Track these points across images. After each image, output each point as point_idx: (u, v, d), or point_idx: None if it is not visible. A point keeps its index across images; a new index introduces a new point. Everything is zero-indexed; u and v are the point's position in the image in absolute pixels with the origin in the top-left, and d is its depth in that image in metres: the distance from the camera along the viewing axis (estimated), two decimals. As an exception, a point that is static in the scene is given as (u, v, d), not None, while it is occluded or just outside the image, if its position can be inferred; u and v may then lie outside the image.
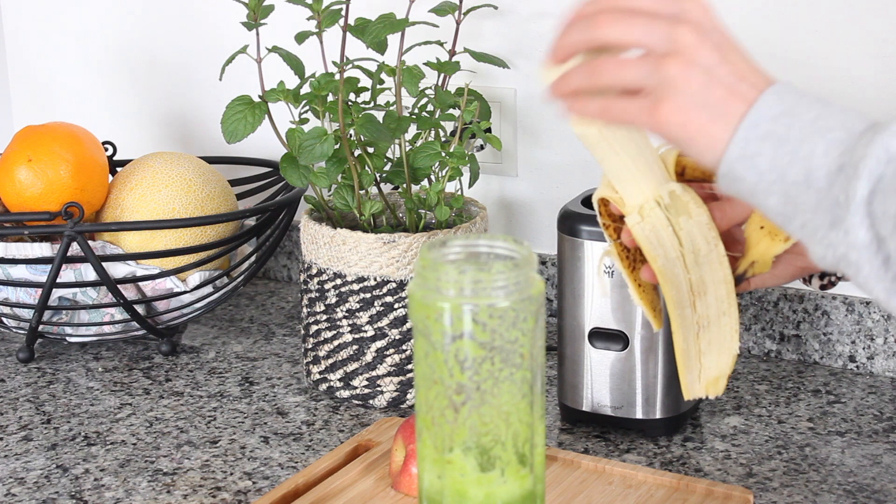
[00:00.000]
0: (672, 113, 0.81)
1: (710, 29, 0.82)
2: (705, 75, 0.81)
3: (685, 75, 0.81)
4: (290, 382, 1.40)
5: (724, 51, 0.82)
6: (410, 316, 0.90)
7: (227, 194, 1.52)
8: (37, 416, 1.34)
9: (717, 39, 0.82)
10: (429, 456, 0.92)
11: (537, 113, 1.53)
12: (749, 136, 0.80)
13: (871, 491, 1.15)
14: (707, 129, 0.81)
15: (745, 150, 0.80)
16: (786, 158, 0.79)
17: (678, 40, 0.81)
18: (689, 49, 0.81)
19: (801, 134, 0.79)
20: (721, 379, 0.98)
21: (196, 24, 1.73)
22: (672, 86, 0.81)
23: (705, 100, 0.81)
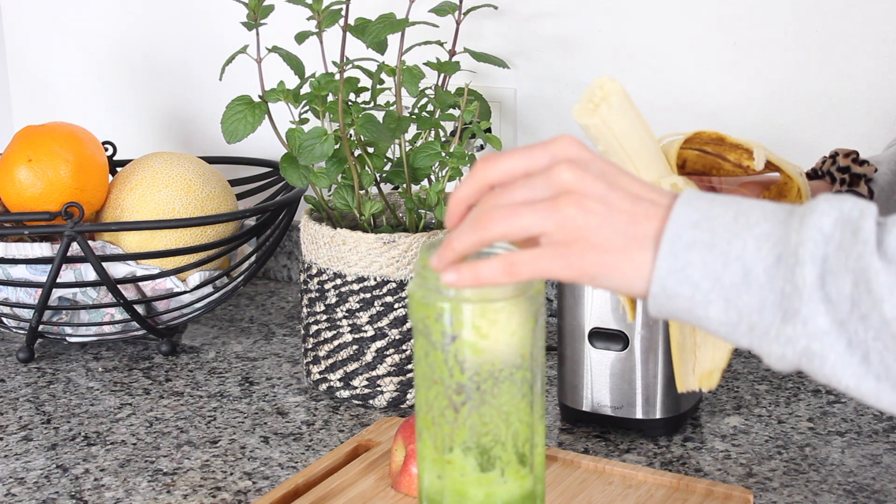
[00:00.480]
0: (585, 253, 0.78)
1: (587, 160, 0.80)
2: (602, 205, 0.78)
3: (583, 213, 0.78)
4: (290, 382, 1.40)
5: (610, 177, 0.79)
6: (410, 316, 0.90)
7: (227, 194, 1.52)
8: (37, 416, 1.34)
9: (598, 169, 0.80)
10: (429, 456, 0.92)
11: (537, 113, 1.53)
12: (674, 249, 0.77)
13: (871, 491, 1.15)
14: (626, 256, 0.78)
15: (675, 264, 0.77)
16: (718, 263, 0.76)
17: (561, 181, 0.79)
18: (576, 185, 0.79)
19: (727, 235, 0.76)
20: (715, 373, 0.98)
21: (196, 24, 1.73)
22: (574, 227, 0.78)
23: (612, 229, 0.78)
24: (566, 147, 0.81)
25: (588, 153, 0.81)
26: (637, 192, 0.80)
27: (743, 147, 1.05)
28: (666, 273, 0.77)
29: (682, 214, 0.78)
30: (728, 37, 1.42)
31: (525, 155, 0.81)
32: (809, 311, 0.75)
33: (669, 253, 0.77)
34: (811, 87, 1.40)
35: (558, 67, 1.51)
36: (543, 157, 0.81)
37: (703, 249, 0.77)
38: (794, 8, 1.39)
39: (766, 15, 1.40)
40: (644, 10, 1.47)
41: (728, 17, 1.42)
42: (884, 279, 0.73)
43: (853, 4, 1.36)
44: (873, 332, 0.74)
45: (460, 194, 0.83)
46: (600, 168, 0.80)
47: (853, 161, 1.16)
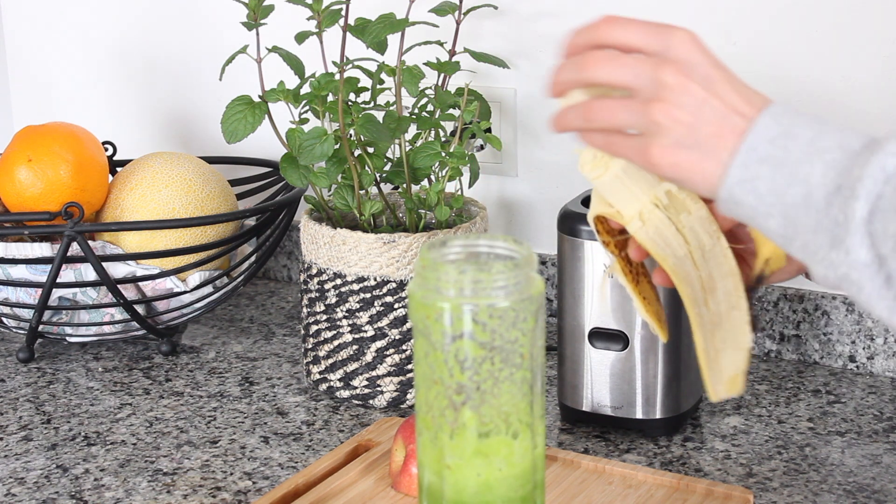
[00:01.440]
0: (661, 155, 0.84)
1: (696, 63, 0.84)
2: (691, 116, 0.83)
3: (671, 120, 0.83)
4: (290, 382, 1.40)
5: (712, 84, 0.83)
6: (410, 316, 0.90)
7: (227, 194, 1.52)
8: (37, 416, 1.34)
9: (704, 73, 0.84)
10: (429, 455, 0.92)
11: (537, 113, 1.53)
12: (747, 161, 0.82)
13: (871, 491, 1.15)
14: (699, 167, 0.83)
15: (745, 174, 0.82)
16: (784, 181, 0.81)
17: (663, 82, 0.83)
18: (674, 91, 0.83)
19: (799, 155, 0.80)
20: (739, 377, 0.98)
21: (196, 24, 1.73)
22: (658, 130, 0.84)
23: (693, 140, 0.83)
24: (683, 44, 0.84)
25: (700, 56, 0.84)
26: (733, 103, 0.83)
27: None
28: (735, 181, 0.82)
29: (764, 127, 0.82)
30: (728, 37, 1.42)
31: (646, 32, 0.85)
32: (853, 243, 0.78)
33: (742, 164, 0.82)
34: (811, 86, 1.40)
35: (558, 67, 1.51)
36: (660, 43, 0.84)
37: (774, 166, 0.81)
38: (794, 8, 1.39)
39: (766, 15, 1.40)
40: (644, 10, 1.47)
41: (728, 17, 1.42)
42: None
43: (853, 4, 1.36)
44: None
45: (577, 39, 0.88)
46: (705, 73, 0.83)
47: None
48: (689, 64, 0.84)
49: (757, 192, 0.82)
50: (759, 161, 0.81)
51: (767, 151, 0.81)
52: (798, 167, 0.80)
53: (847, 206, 0.78)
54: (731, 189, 0.82)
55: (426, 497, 0.93)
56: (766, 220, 0.82)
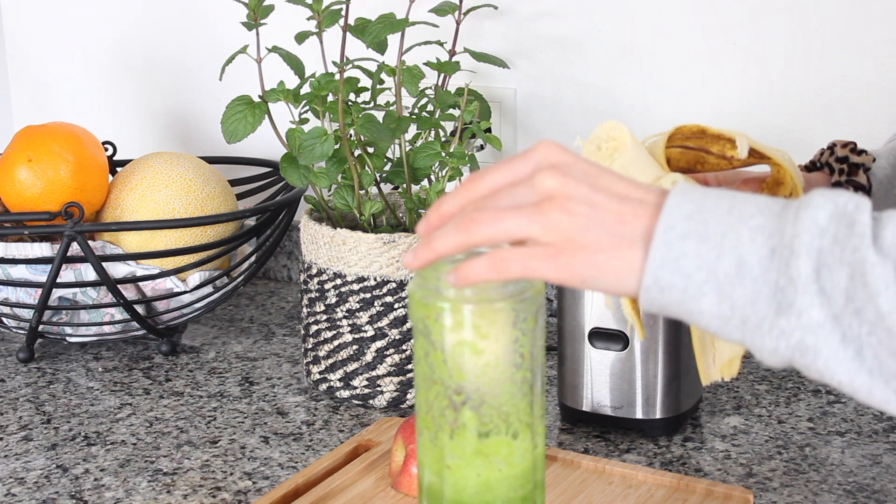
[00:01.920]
0: (574, 255, 0.78)
1: (569, 164, 0.79)
2: (587, 206, 0.78)
3: (569, 216, 0.78)
4: (290, 382, 1.41)
5: (593, 179, 0.79)
6: (410, 316, 0.90)
7: (227, 194, 1.52)
8: (37, 416, 1.34)
9: (581, 171, 0.79)
10: (428, 455, 0.92)
11: (537, 113, 1.53)
12: (668, 240, 0.76)
13: (871, 491, 1.15)
14: (616, 255, 0.78)
15: (668, 254, 0.76)
16: (712, 254, 0.76)
17: (544, 187, 0.78)
18: (559, 190, 0.78)
19: (721, 227, 0.76)
20: (735, 361, 0.97)
21: (196, 24, 1.73)
22: (560, 230, 0.78)
23: (600, 229, 0.78)
24: (547, 153, 0.80)
25: (570, 156, 0.80)
26: (623, 192, 0.79)
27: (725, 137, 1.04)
28: (659, 264, 0.76)
29: (676, 205, 0.77)
30: (728, 37, 1.42)
31: (508, 167, 0.81)
32: (804, 304, 0.74)
33: (663, 244, 0.76)
34: (811, 87, 1.40)
35: (558, 67, 1.51)
36: (526, 166, 0.80)
37: (698, 240, 0.76)
38: (793, 8, 1.39)
39: (766, 15, 1.40)
40: (644, 10, 1.47)
41: (728, 17, 1.42)
42: (880, 273, 0.73)
43: (853, 4, 1.36)
44: (867, 327, 0.73)
45: (444, 208, 0.82)
46: (583, 170, 0.79)
47: (851, 151, 1.16)
48: (562, 165, 0.79)
49: (684, 270, 0.76)
50: (680, 238, 0.76)
51: (687, 227, 0.76)
52: (723, 238, 0.75)
53: (788, 267, 0.74)
54: (657, 273, 0.76)
55: (426, 497, 0.93)
56: (699, 301, 0.76)
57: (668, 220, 0.76)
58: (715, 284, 0.76)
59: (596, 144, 0.94)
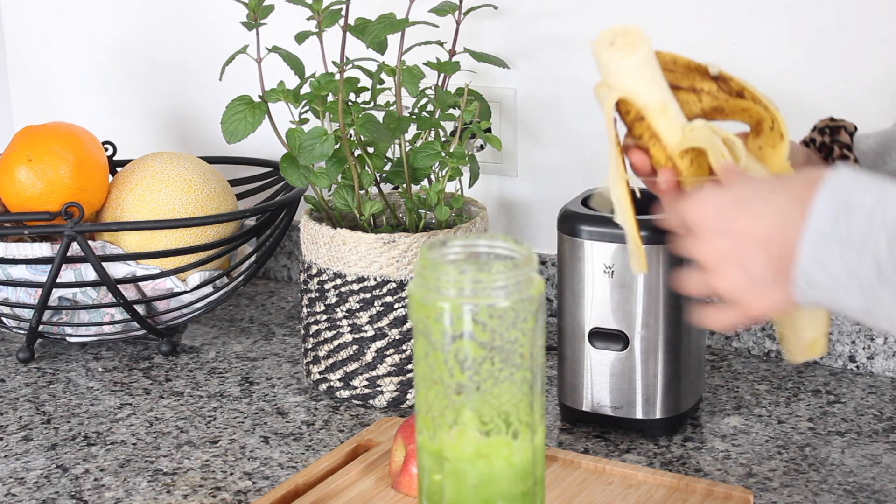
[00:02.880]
0: (751, 309, 0.89)
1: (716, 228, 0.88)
2: (740, 268, 0.87)
3: (728, 287, 0.89)
4: (290, 382, 1.40)
5: (741, 236, 0.87)
6: (410, 316, 0.90)
7: (227, 194, 1.52)
8: (37, 416, 1.34)
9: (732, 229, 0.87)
10: (429, 455, 0.92)
11: (537, 113, 1.53)
12: (815, 242, 0.83)
13: (871, 491, 1.15)
14: (777, 294, 0.87)
15: (814, 256, 0.83)
16: (854, 257, 0.81)
17: (699, 259, 0.90)
18: (710, 261, 0.89)
19: (862, 230, 0.81)
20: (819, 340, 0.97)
21: (196, 24, 1.73)
22: (735, 299, 0.89)
23: (764, 287, 0.87)
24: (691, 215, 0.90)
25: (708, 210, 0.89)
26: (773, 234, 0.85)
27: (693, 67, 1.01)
28: (807, 262, 0.83)
29: (822, 204, 0.82)
30: (728, 37, 1.42)
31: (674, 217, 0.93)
32: None
33: (810, 246, 0.83)
34: (811, 86, 1.40)
35: (558, 67, 1.51)
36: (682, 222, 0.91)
37: (841, 245, 0.82)
38: (794, 8, 1.39)
39: (766, 15, 1.40)
40: (644, 10, 1.47)
41: (728, 17, 1.42)
42: None
43: (853, 4, 1.36)
44: None
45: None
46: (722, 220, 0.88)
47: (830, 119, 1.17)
48: (711, 233, 0.88)
49: (829, 271, 0.83)
50: (825, 241, 0.82)
51: (831, 231, 0.82)
52: (864, 243, 0.81)
53: None
54: (805, 270, 0.84)
55: (426, 497, 0.93)
56: (846, 298, 0.83)
57: (816, 221, 0.83)
58: (857, 284, 0.82)
59: (610, 39, 0.93)
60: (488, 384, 0.88)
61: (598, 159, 1.51)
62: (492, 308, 0.87)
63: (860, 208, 0.81)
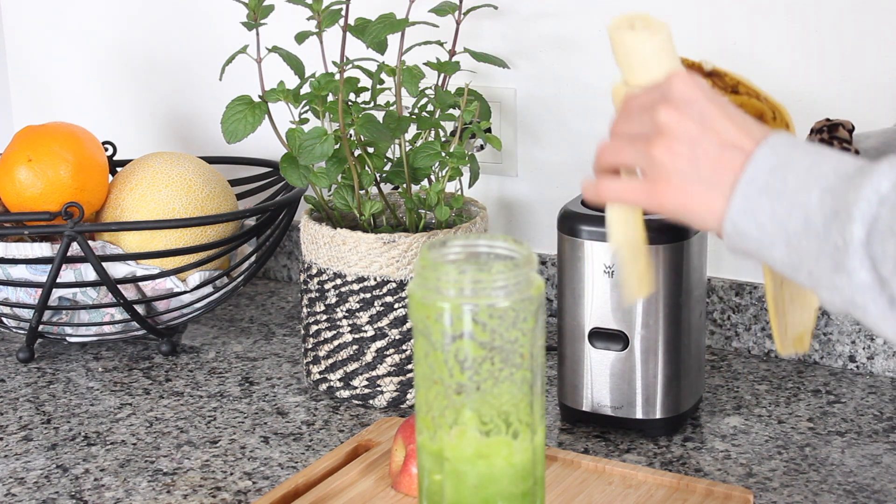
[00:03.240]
0: (667, 194, 0.86)
1: (691, 101, 0.86)
2: (689, 150, 0.85)
3: (670, 156, 0.86)
4: (290, 382, 1.40)
5: (708, 119, 0.85)
6: (410, 316, 0.90)
7: (227, 194, 1.52)
8: (37, 416, 1.34)
9: (700, 109, 0.86)
10: (428, 455, 0.92)
11: (537, 113, 1.53)
12: (748, 192, 0.83)
13: (871, 491, 1.15)
14: (704, 201, 0.85)
15: (746, 206, 0.83)
16: (784, 210, 0.82)
17: (658, 121, 0.86)
18: (670, 128, 0.86)
19: (797, 184, 0.82)
20: (805, 335, 0.98)
21: (196, 24, 1.73)
22: (661, 168, 0.86)
23: (694, 174, 0.85)
24: (677, 86, 0.87)
25: (696, 92, 0.86)
26: (730, 138, 0.85)
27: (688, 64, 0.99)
28: (737, 212, 0.83)
29: (762, 158, 0.83)
30: (728, 37, 1.42)
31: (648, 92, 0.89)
32: (854, 266, 0.79)
33: (743, 195, 0.83)
34: (811, 87, 1.40)
35: (558, 67, 1.51)
36: (658, 91, 0.88)
37: (774, 196, 0.82)
38: (794, 8, 1.39)
39: (766, 15, 1.40)
40: (644, 10, 1.46)
41: (728, 17, 1.42)
42: None
43: (853, 4, 1.36)
44: None
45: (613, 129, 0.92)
46: (700, 110, 0.86)
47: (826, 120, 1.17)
48: (684, 102, 0.86)
49: (758, 222, 0.83)
50: (758, 192, 0.83)
51: (766, 182, 0.83)
52: (796, 195, 0.81)
53: (844, 229, 0.79)
54: (734, 220, 0.84)
55: (426, 497, 0.93)
56: (771, 251, 0.83)
57: (752, 172, 0.83)
58: (785, 238, 0.82)
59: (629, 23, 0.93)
60: (488, 384, 0.88)
61: (598, 159, 1.50)
62: (492, 308, 0.87)
63: (797, 165, 0.82)
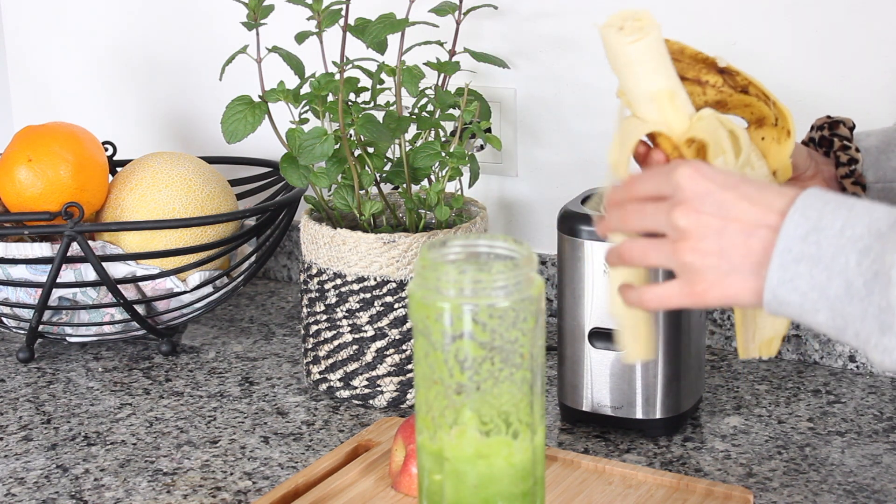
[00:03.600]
0: (707, 292, 0.87)
1: (703, 195, 0.86)
2: (716, 245, 0.86)
3: (699, 256, 0.87)
4: (290, 382, 1.40)
5: (726, 210, 0.86)
6: (410, 316, 0.90)
7: (227, 194, 1.52)
8: (37, 416, 1.34)
9: (715, 201, 0.86)
10: (428, 455, 0.92)
11: (537, 113, 1.53)
12: (784, 262, 0.84)
13: (871, 491, 1.15)
14: (742, 286, 0.86)
15: (784, 275, 0.84)
16: (823, 276, 0.83)
17: (677, 226, 0.87)
18: (691, 230, 0.87)
19: (832, 249, 0.83)
20: (775, 340, 0.97)
21: (196, 24, 1.73)
22: (693, 270, 0.87)
23: (728, 266, 0.86)
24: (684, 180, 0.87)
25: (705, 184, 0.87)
26: (753, 221, 0.85)
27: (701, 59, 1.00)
28: (776, 283, 0.84)
29: (793, 226, 0.84)
30: (728, 37, 1.42)
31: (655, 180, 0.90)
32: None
33: (780, 266, 0.84)
34: (811, 87, 1.40)
35: (558, 67, 1.51)
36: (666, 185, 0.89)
37: (811, 263, 0.83)
38: (794, 8, 1.39)
39: (766, 15, 1.40)
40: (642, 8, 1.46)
41: (728, 17, 1.42)
42: None
43: (853, 5, 1.36)
44: None
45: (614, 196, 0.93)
46: (715, 201, 0.86)
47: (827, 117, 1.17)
48: (697, 198, 0.87)
49: (799, 290, 0.84)
50: (795, 261, 0.83)
51: (801, 250, 0.83)
52: (833, 261, 0.82)
53: (887, 292, 0.80)
54: (775, 291, 0.84)
55: (426, 497, 0.93)
56: (815, 316, 0.84)
57: (785, 242, 0.84)
58: (827, 303, 0.83)
59: (620, 23, 0.93)
60: (488, 384, 0.88)
61: (597, 159, 1.51)
62: (492, 308, 0.87)
63: (829, 229, 0.83)
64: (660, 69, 0.93)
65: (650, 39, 0.92)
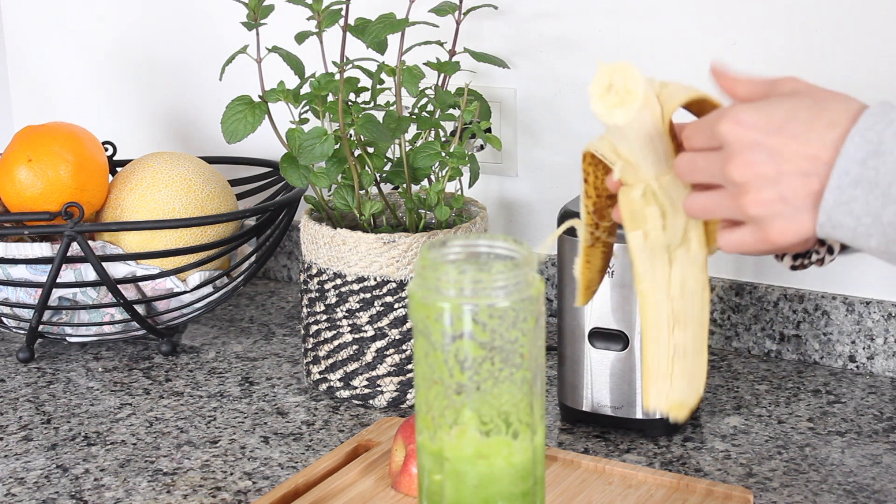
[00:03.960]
0: (780, 236, 0.87)
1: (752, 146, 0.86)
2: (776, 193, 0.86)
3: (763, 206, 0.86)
4: (290, 382, 1.41)
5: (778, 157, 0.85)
6: (410, 316, 0.91)
7: (227, 194, 1.52)
8: (37, 416, 1.34)
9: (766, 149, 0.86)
10: (428, 455, 0.92)
11: (537, 113, 1.53)
12: (841, 184, 0.84)
13: (871, 491, 1.15)
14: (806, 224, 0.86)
15: (840, 197, 0.84)
16: (878, 202, 0.83)
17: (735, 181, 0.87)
18: (749, 183, 0.86)
19: (890, 175, 0.82)
20: (685, 408, 0.96)
21: (196, 24, 1.73)
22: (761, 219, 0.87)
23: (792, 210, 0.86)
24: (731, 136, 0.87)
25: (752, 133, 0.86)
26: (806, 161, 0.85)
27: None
28: (832, 205, 0.84)
29: (854, 148, 0.83)
30: (728, 37, 1.42)
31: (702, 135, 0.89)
32: None
33: (837, 187, 0.84)
34: (811, 87, 1.39)
35: (558, 67, 1.51)
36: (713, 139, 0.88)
37: (867, 188, 0.83)
38: (794, 8, 1.39)
39: (766, 15, 1.40)
40: (644, 10, 1.47)
41: (728, 17, 1.42)
42: None
43: (853, 4, 1.36)
44: None
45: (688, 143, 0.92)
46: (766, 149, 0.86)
47: None
48: (748, 149, 0.86)
49: (854, 213, 0.84)
50: (852, 184, 0.83)
51: (859, 173, 0.83)
52: (890, 188, 0.82)
53: None
54: (830, 212, 0.84)
55: (426, 497, 0.93)
56: (867, 241, 0.84)
57: (844, 164, 0.84)
58: (880, 229, 0.83)
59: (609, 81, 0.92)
60: (488, 384, 0.89)
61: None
62: (492, 308, 0.87)
63: (889, 154, 0.83)
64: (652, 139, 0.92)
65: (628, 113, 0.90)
